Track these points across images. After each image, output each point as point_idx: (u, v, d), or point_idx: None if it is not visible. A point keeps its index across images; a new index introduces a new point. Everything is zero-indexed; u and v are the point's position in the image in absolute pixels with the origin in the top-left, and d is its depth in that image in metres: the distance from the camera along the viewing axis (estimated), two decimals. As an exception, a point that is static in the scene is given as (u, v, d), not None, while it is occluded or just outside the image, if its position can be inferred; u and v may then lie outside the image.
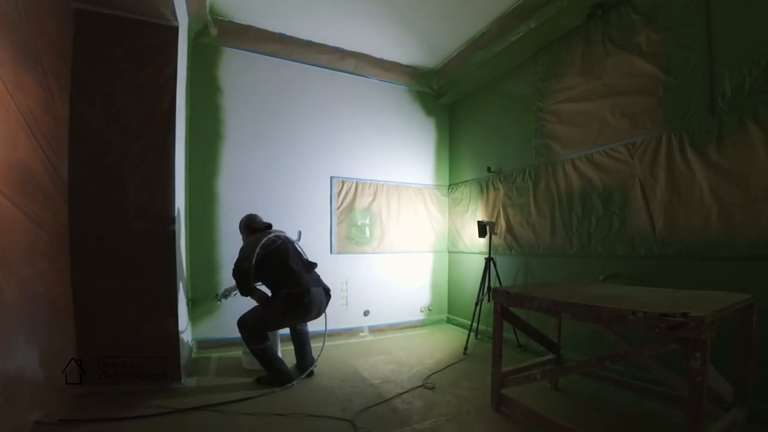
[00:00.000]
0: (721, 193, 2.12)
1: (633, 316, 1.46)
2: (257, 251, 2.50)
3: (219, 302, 3.21)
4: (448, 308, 4.62)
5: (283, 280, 2.54)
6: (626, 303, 1.61)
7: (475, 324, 3.50)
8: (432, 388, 2.45)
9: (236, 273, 2.49)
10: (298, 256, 2.76)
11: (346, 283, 3.98)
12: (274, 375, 2.51)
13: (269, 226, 2.84)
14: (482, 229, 3.59)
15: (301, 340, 2.76)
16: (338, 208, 3.97)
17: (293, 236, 2.90)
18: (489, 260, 3.50)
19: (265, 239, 2.59)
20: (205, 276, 3.36)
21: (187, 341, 2.91)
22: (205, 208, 3.40)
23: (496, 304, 2.15)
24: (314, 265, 2.80)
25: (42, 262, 1.91)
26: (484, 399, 2.24)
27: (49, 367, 1.89)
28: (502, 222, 3.73)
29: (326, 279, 3.83)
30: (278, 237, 2.73)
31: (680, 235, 2.31)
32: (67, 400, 2.08)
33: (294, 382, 2.51)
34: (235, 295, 2.88)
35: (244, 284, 2.50)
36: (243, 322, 2.57)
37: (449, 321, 4.56)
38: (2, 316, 1.49)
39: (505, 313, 2.15)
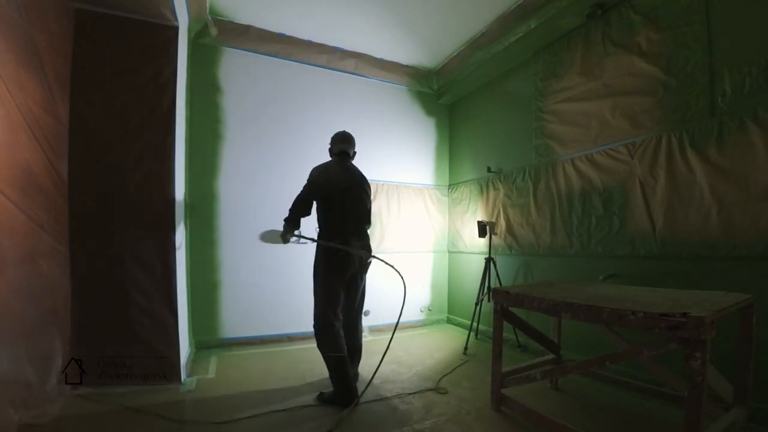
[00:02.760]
0: (721, 193, 2.12)
1: (633, 316, 1.46)
2: (324, 184, 2.30)
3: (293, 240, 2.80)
4: (448, 308, 4.62)
5: (330, 231, 2.36)
6: (626, 303, 1.61)
7: (475, 324, 3.50)
8: (445, 393, 2.39)
9: (300, 195, 2.31)
10: (355, 207, 2.44)
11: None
12: (342, 391, 2.19)
13: (343, 152, 2.57)
14: (482, 229, 3.59)
15: (353, 352, 2.46)
16: (338, 208, 3.96)
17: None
18: (489, 260, 3.50)
19: (337, 175, 2.37)
20: (205, 276, 3.36)
21: (187, 341, 2.91)
22: (205, 208, 3.40)
23: (496, 304, 2.15)
24: (367, 220, 2.55)
25: (42, 263, 1.91)
26: (484, 399, 2.24)
27: (43, 368, 1.88)
28: (502, 222, 3.73)
29: (326, 279, 3.89)
30: (352, 175, 2.47)
31: (680, 235, 2.31)
32: (62, 401, 2.07)
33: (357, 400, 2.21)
34: (304, 242, 2.58)
35: (294, 214, 2.30)
36: (314, 317, 2.34)
37: (449, 321, 4.56)
38: None
39: (505, 313, 2.15)
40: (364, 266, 2.50)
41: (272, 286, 3.62)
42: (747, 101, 2.02)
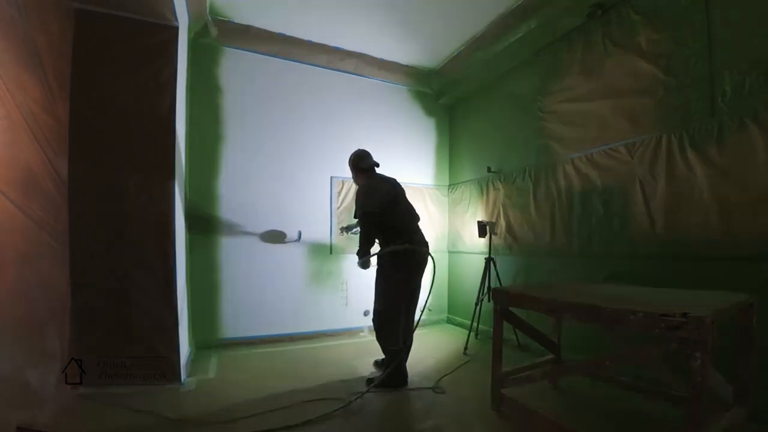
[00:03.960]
0: (721, 193, 2.12)
1: (633, 316, 1.46)
2: (381, 201, 2.39)
3: (342, 234, 3.04)
4: (448, 308, 4.62)
5: (396, 235, 2.43)
6: (626, 303, 1.61)
7: (475, 324, 3.50)
8: (445, 393, 2.39)
9: (363, 228, 2.41)
10: (408, 208, 2.61)
11: (346, 283, 3.98)
12: (396, 374, 2.42)
13: (373, 166, 2.67)
14: (482, 229, 3.59)
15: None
16: (338, 208, 3.97)
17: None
18: (489, 260, 3.50)
19: (385, 189, 2.48)
20: (205, 276, 3.36)
21: (187, 341, 2.91)
22: (204, 209, 3.39)
23: (496, 304, 2.15)
24: (418, 218, 2.68)
25: (42, 263, 1.91)
26: (484, 399, 2.24)
27: (42, 368, 1.87)
28: (502, 222, 3.73)
29: (326, 279, 3.89)
30: (391, 185, 2.58)
31: (680, 235, 2.31)
32: (62, 401, 2.06)
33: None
34: (355, 233, 2.74)
35: (366, 243, 2.41)
36: (377, 313, 2.50)
37: (449, 321, 4.56)
38: None
39: (505, 313, 2.15)
40: (426, 262, 2.61)
41: (273, 286, 3.62)
42: (747, 101, 2.02)
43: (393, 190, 2.54)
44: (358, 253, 2.49)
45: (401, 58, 4.15)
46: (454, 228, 4.52)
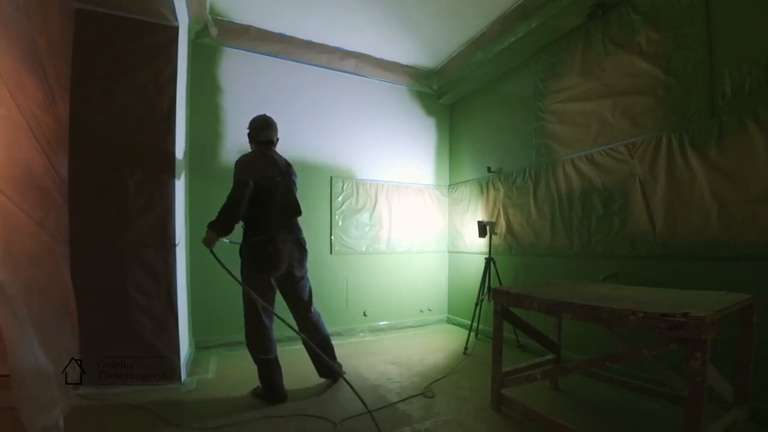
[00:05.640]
0: (721, 193, 2.12)
1: (633, 316, 1.46)
2: (255, 178, 2.15)
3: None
4: (448, 308, 4.62)
5: (255, 227, 2.23)
6: (626, 303, 1.61)
7: (475, 324, 3.50)
8: (432, 397, 2.35)
9: (230, 196, 2.14)
10: (284, 198, 2.34)
11: (346, 283, 3.98)
12: (267, 391, 2.23)
13: (270, 142, 2.43)
14: (482, 229, 3.59)
15: (321, 345, 2.37)
16: (338, 208, 3.97)
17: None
18: (489, 260, 3.50)
19: (258, 165, 2.25)
20: (205, 276, 3.36)
21: (187, 341, 2.91)
22: (205, 208, 3.39)
23: (496, 304, 2.15)
24: (297, 212, 2.41)
25: (45, 264, 1.91)
26: (484, 399, 2.24)
27: (62, 364, 1.88)
28: (502, 222, 3.73)
29: (326, 279, 3.89)
30: (279, 169, 2.34)
31: (680, 235, 2.31)
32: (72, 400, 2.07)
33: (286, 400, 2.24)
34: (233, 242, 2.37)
35: (228, 218, 2.12)
36: (243, 306, 2.31)
37: (449, 321, 4.56)
38: (12, 316, 1.48)
39: (505, 313, 2.16)
40: (299, 259, 2.39)
41: (272, 286, 3.61)
42: (747, 101, 2.02)
43: (270, 174, 2.27)
44: (210, 224, 2.15)
45: (401, 58, 4.15)
46: (454, 228, 4.52)
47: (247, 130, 2.49)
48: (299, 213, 2.44)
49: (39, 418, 1.50)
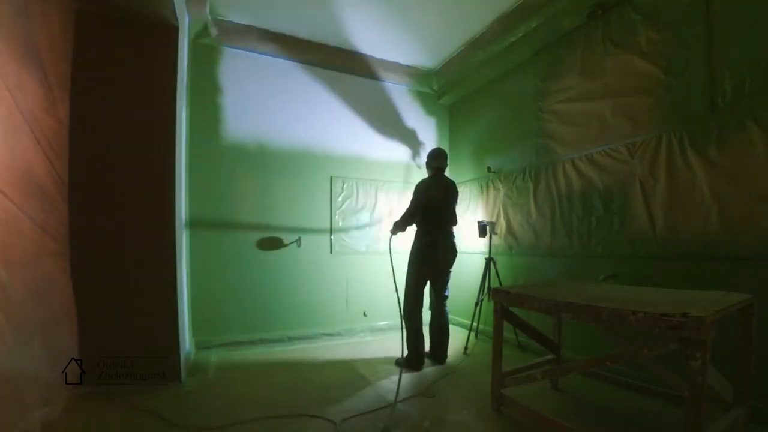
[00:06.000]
0: (721, 193, 2.12)
1: (633, 316, 1.46)
2: (427, 203, 2.95)
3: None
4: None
5: (424, 230, 2.97)
6: (626, 303, 1.61)
7: (475, 324, 3.50)
8: (432, 397, 2.35)
9: (407, 210, 3.00)
10: (444, 211, 3.05)
11: (347, 283, 3.98)
12: (413, 354, 2.86)
13: (439, 168, 3.15)
14: (482, 229, 3.59)
15: (440, 331, 3.06)
16: (338, 207, 3.97)
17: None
18: (489, 260, 3.50)
19: (429, 187, 3.00)
20: (205, 276, 3.36)
21: (187, 341, 2.91)
22: (205, 208, 3.40)
23: (496, 304, 2.15)
24: (453, 222, 3.11)
25: (46, 264, 1.91)
26: (484, 399, 2.24)
27: (57, 366, 1.89)
28: (503, 222, 3.73)
29: (326, 279, 3.89)
30: (442, 191, 3.04)
31: (680, 235, 2.31)
32: (72, 399, 2.08)
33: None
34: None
35: (402, 225, 3.00)
36: (405, 287, 2.99)
37: (449, 321, 4.54)
38: (9, 315, 1.49)
39: (505, 313, 2.15)
40: (451, 258, 3.05)
41: (273, 286, 3.62)
42: (747, 101, 2.02)
43: (437, 195, 2.99)
44: (395, 223, 3.02)
45: (401, 58, 4.14)
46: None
47: (426, 159, 3.26)
48: (455, 223, 3.14)
49: (18, 421, 1.49)
